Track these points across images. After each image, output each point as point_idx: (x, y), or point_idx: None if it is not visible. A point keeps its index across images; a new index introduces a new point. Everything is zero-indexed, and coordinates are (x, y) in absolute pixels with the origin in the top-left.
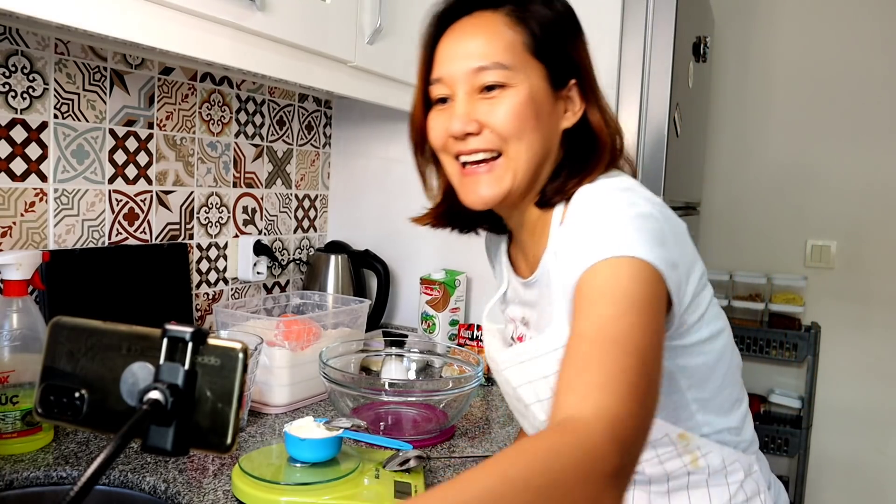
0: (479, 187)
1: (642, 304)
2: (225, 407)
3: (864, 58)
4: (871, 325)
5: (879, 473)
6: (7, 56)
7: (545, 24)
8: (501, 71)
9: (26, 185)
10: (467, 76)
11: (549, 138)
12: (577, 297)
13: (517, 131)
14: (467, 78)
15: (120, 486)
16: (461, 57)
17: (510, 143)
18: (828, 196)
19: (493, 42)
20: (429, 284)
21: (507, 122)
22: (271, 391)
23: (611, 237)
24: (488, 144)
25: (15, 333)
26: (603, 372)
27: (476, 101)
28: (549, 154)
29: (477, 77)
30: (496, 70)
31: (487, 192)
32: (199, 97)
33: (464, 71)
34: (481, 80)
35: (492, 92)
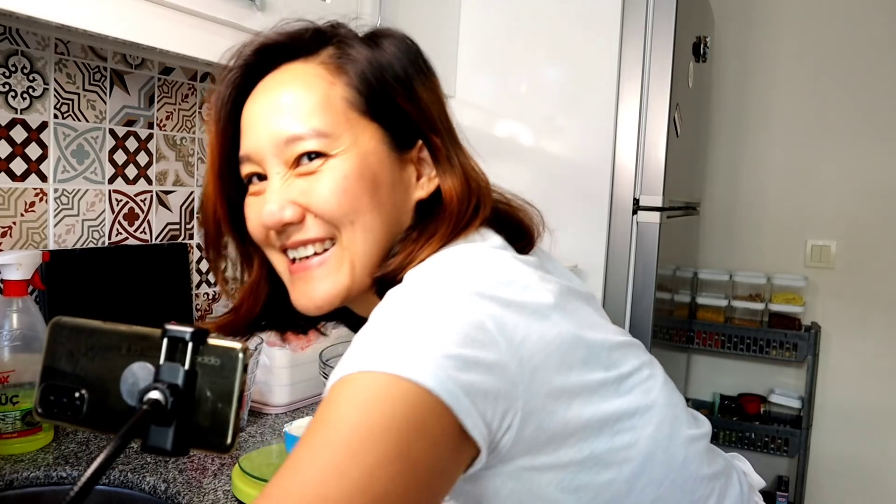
0: (311, 288)
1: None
2: (225, 407)
3: (864, 58)
4: (871, 326)
5: (879, 473)
6: (7, 56)
7: (373, 72)
8: (320, 139)
9: (26, 185)
10: (278, 149)
11: (395, 215)
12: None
13: (348, 213)
14: (278, 151)
15: (120, 486)
16: (267, 125)
17: (341, 228)
18: (828, 196)
19: (305, 101)
20: None
21: (332, 202)
22: (271, 391)
23: (375, 346)
24: (315, 234)
25: (15, 333)
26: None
27: (292, 180)
28: (395, 234)
29: (290, 148)
30: (313, 139)
31: (321, 294)
32: (199, 97)
33: (273, 143)
34: (295, 150)
35: (311, 164)
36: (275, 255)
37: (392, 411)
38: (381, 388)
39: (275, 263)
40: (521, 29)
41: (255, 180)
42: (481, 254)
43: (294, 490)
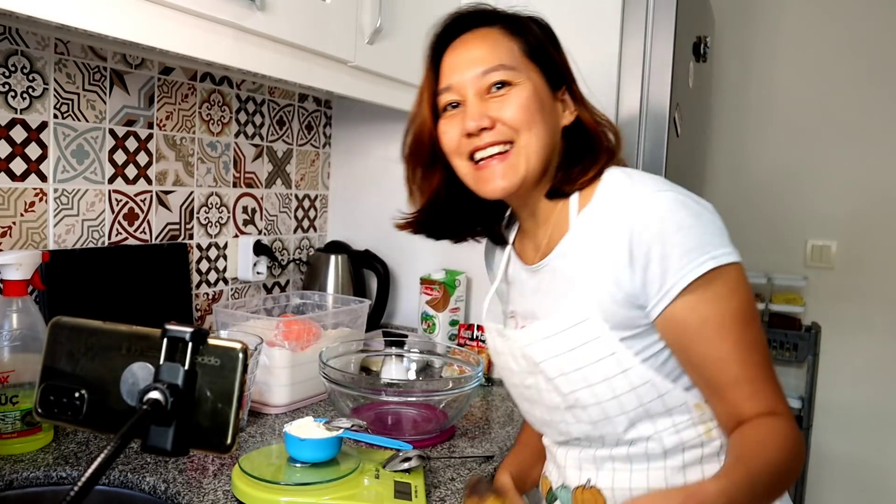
0: (495, 177)
1: (751, 306)
2: (225, 407)
3: (864, 57)
4: (871, 326)
5: (879, 473)
6: (7, 56)
7: (535, 34)
8: (506, 71)
9: (26, 185)
10: (475, 80)
11: (553, 131)
12: (697, 313)
13: (526, 123)
14: (475, 81)
15: (120, 486)
16: (468, 64)
17: (521, 133)
18: (828, 196)
19: (494, 48)
20: (429, 284)
21: (516, 114)
22: (271, 391)
23: (701, 249)
24: (501, 137)
25: (15, 333)
26: (772, 382)
27: (486, 101)
28: (554, 146)
29: (484, 79)
30: (501, 71)
31: (503, 181)
32: (199, 97)
33: (472, 76)
34: (488, 80)
35: (499, 91)
36: (460, 162)
37: (747, 287)
38: (739, 272)
39: (459, 168)
40: None
41: (450, 109)
42: (652, 175)
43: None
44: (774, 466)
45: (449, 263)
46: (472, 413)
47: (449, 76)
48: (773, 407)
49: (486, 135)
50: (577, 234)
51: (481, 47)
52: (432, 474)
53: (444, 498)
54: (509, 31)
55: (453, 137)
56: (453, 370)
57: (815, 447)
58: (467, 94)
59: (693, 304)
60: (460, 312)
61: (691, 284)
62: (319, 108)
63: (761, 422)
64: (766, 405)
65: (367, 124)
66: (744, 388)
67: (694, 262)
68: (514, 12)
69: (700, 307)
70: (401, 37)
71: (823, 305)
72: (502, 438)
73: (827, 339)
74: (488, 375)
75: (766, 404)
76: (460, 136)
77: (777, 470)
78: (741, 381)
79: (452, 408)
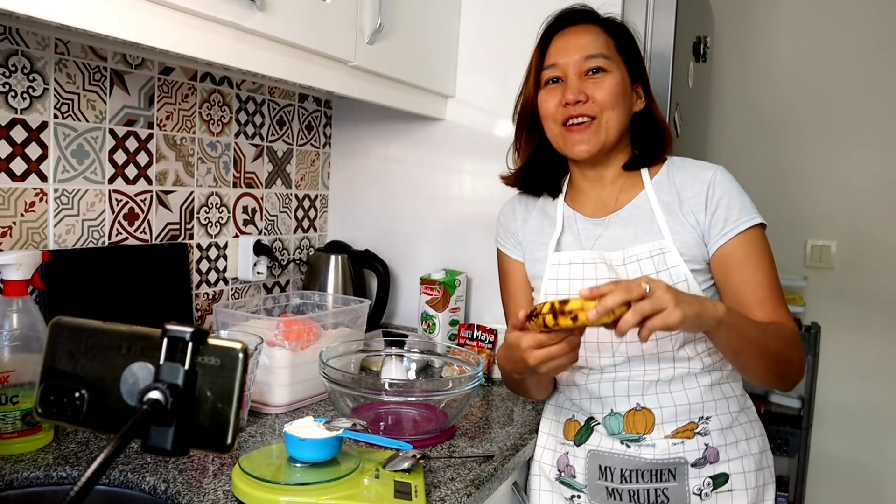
0: (582, 141)
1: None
2: (225, 407)
3: (864, 57)
4: (871, 325)
5: (879, 473)
6: (7, 56)
7: (625, 35)
8: (603, 59)
9: (26, 185)
10: (578, 62)
11: (627, 115)
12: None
13: (611, 104)
14: (577, 64)
15: (120, 486)
16: (573, 49)
17: (605, 111)
18: (828, 196)
19: (596, 40)
20: (429, 284)
21: (606, 96)
22: (271, 391)
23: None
24: (590, 111)
25: (15, 333)
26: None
27: (583, 81)
28: (626, 126)
29: (585, 63)
30: (600, 58)
31: (587, 145)
32: (199, 97)
33: (576, 58)
34: (588, 65)
35: (595, 75)
36: (554, 125)
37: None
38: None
39: (552, 130)
40: (521, 29)
41: (551, 83)
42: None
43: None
44: (782, 341)
45: (449, 263)
46: (472, 413)
47: (555, 56)
48: (786, 321)
49: (580, 106)
50: (651, 193)
51: (586, 37)
52: (432, 474)
53: (444, 498)
54: (606, 30)
55: (552, 105)
56: (453, 370)
57: (815, 447)
58: (569, 73)
59: (743, 244)
60: (460, 312)
61: (744, 231)
62: (319, 108)
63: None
64: (781, 318)
65: (367, 124)
66: (767, 306)
67: (747, 216)
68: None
69: (747, 246)
70: (401, 37)
71: (823, 305)
72: (502, 438)
73: (827, 339)
74: (488, 375)
75: (781, 318)
76: (558, 105)
77: (783, 345)
78: (766, 301)
79: (452, 408)
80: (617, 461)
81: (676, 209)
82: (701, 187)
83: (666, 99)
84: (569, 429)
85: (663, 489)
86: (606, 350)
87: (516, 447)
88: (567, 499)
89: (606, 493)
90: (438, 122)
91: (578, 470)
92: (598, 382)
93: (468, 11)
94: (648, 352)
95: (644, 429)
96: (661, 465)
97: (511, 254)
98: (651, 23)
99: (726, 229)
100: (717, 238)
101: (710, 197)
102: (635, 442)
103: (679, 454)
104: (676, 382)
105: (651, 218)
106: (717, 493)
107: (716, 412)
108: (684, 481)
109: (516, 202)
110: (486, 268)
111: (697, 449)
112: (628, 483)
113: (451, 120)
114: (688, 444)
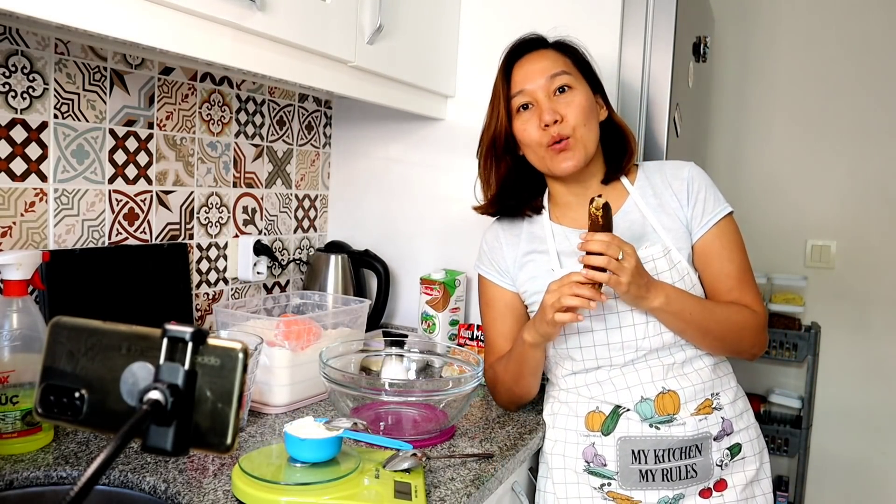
0: (566, 159)
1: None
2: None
3: (864, 57)
4: (871, 325)
5: (879, 473)
6: (7, 56)
7: (577, 53)
8: (566, 76)
9: (26, 185)
10: (544, 84)
11: (598, 126)
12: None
13: (583, 120)
14: (544, 86)
15: (120, 486)
16: (537, 72)
17: (578, 129)
18: (828, 196)
19: (555, 60)
20: (429, 284)
21: (577, 114)
22: (271, 391)
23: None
24: (566, 131)
25: (15, 333)
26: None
27: (553, 101)
28: (598, 136)
29: (551, 83)
30: (563, 75)
31: (572, 161)
32: (199, 97)
33: (541, 81)
34: (554, 84)
35: (563, 94)
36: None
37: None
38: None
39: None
40: (520, 28)
41: (522, 111)
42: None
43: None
44: (730, 323)
45: (449, 263)
46: (472, 413)
47: (521, 83)
48: (751, 303)
49: (557, 127)
50: (637, 198)
51: (544, 60)
52: (432, 474)
53: (444, 498)
54: (561, 51)
55: (533, 131)
56: (453, 370)
57: (815, 447)
58: (538, 96)
59: (717, 234)
60: (460, 312)
61: (720, 220)
62: (319, 108)
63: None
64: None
65: (367, 124)
66: (735, 292)
67: (721, 206)
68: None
69: (721, 237)
70: (401, 37)
71: (823, 305)
72: (502, 438)
73: (827, 339)
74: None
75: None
76: (539, 129)
77: (730, 326)
78: (734, 289)
79: (452, 408)
80: (649, 443)
81: (664, 210)
82: (681, 184)
83: (666, 99)
84: (592, 420)
85: (692, 465)
86: (630, 348)
87: (516, 447)
88: (596, 488)
89: (640, 475)
90: (438, 122)
91: (609, 458)
92: (623, 375)
93: (468, 11)
94: (668, 342)
95: (673, 409)
96: (690, 441)
97: (495, 280)
98: (651, 23)
99: (704, 220)
100: (698, 229)
101: (690, 192)
102: (666, 423)
103: (705, 429)
104: (688, 364)
105: (643, 221)
106: (733, 461)
107: (722, 388)
108: (709, 454)
109: (499, 229)
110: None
111: (717, 423)
112: (661, 463)
113: (451, 120)
114: (710, 419)
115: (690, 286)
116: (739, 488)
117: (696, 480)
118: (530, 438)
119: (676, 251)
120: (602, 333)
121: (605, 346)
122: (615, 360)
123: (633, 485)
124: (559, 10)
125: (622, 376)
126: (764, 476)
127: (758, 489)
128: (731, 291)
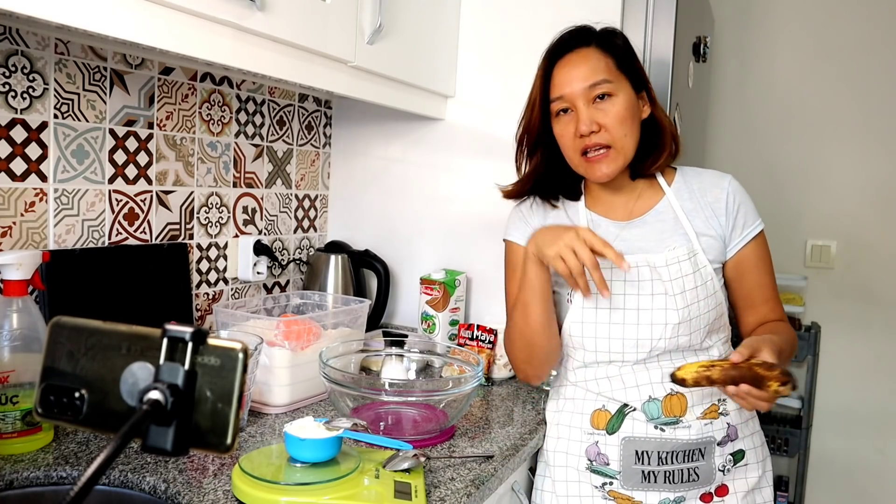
0: (602, 167)
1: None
2: (225, 407)
3: (864, 57)
4: (871, 325)
5: (879, 473)
6: (7, 56)
7: (621, 49)
8: (607, 84)
9: (26, 185)
10: (583, 92)
11: (639, 128)
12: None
13: (623, 130)
14: (584, 93)
15: (120, 486)
16: (577, 79)
17: (617, 139)
18: (828, 196)
19: (596, 66)
20: (429, 284)
21: (615, 123)
22: (271, 391)
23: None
24: (605, 140)
25: (15, 333)
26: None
27: (592, 108)
28: (638, 138)
29: (591, 91)
30: (603, 84)
31: (608, 170)
32: (199, 97)
33: (581, 89)
34: (594, 93)
35: (603, 101)
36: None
37: None
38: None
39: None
40: (520, 29)
41: (562, 114)
42: None
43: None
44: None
45: (449, 263)
46: (472, 413)
47: (561, 88)
48: (782, 316)
49: (594, 136)
50: (673, 199)
51: (586, 65)
52: (432, 474)
53: (444, 498)
54: (603, 50)
55: (568, 138)
56: (453, 370)
57: (815, 447)
58: (577, 104)
59: (754, 248)
60: (460, 312)
61: (757, 235)
62: (319, 108)
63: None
64: (779, 315)
65: (367, 124)
66: (770, 303)
67: (757, 220)
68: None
69: (757, 250)
70: (401, 37)
71: (823, 305)
72: (502, 438)
73: (827, 339)
74: (488, 375)
75: (779, 315)
76: (574, 137)
77: (790, 343)
78: (770, 299)
79: (452, 408)
80: (653, 445)
81: (699, 215)
82: (720, 194)
83: (666, 99)
84: (597, 419)
85: (694, 468)
86: (645, 346)
87: (516, 447)
88: (597, 486)
89: (642, 476)
90: (438, 122)
91: (612, 457)
92: (634, 373)
93: (468, 11)
94: (683, 345)
95: (679, 411)
96: (693, 444)
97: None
98: (651, 23)
99: (744, 234)
100: (737, 242)
101: (729, 203)
102: (671, 425)
103: (709, 433)
104: None
105: (676, 222)
106: (736, 467)
107: None
108: (711, 459)
109: (524, 206)
110: (485, 268)
111: (723, 428)
112: (664, 465)
113: (451, 120)
114: (715, 423)
115: (711, 292)
116: (741, 494)
117: (697, 484)
118: (530, 438)
119: (703, 255)
120: (619, 328)
121: (620, 341)
122: (628, 356)
123: (634, 485)
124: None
125: (632, 374)
126: (766, 484)
127: (759, 497)
128: (767, 301)
